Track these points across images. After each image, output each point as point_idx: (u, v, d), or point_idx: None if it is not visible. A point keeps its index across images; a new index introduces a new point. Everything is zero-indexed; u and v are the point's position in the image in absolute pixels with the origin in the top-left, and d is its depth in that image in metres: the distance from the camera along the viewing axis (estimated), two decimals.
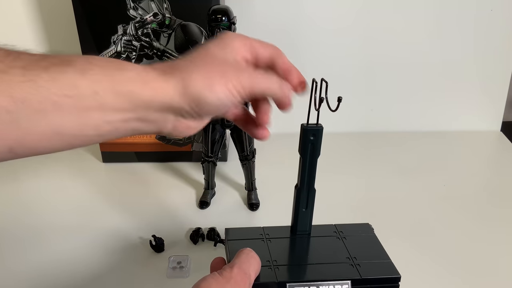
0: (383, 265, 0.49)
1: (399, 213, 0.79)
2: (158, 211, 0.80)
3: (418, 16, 0.95)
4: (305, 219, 0.53)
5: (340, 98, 0.45)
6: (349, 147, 1.01)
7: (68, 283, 0.66)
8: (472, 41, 0.97)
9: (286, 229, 0.54)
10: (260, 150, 0.81)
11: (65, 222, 0.78)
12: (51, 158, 0.96)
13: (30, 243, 0.73)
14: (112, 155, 0.94)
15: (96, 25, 0.81)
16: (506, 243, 0.73)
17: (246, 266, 0.44)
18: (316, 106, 0.46)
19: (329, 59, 0.97)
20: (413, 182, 0.88)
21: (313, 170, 0.51)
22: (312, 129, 0.48)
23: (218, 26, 0.70)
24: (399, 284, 0.48)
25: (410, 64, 0.99)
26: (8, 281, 0.67)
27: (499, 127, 1.06)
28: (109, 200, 0.83)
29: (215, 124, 0.76)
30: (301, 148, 0.49)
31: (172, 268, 0.67)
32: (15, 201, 0.84)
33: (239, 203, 0.83)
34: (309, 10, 0.94)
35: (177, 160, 0.94)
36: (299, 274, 0.48)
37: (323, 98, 0.45)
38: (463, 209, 0.81)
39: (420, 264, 0.67)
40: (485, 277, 0.66)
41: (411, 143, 1.02)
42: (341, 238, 0.53)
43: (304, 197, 0.52)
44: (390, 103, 1.03)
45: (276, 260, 0.49)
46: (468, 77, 1.01)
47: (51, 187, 0.88)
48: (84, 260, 0.70)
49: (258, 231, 0.53)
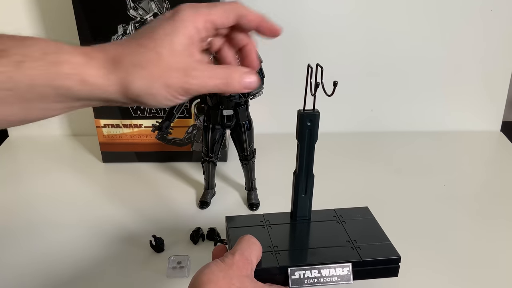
0: (383, 247, 0.50)
1: (399, 213, 0.79)
2: (158, 211, 0.80)
3: (418, 16, 0.95)
4: (305, 205, 0.54)
5: (336, 83, 0.45)
6: (349, 147, 1.01)
7: (68, 283, 0.66)
8: (472, 41, 0.97)
9: (286, 215, 0.55)
10: (260, 150, 0.81)
11: (65, 222, 0.78)
12: (51, 158, 0.96)
13: (30, 243, 0.73)
14: (112, 155, 0.94)
15: (96, 25, 0.81)
16: (506, 243, 0.73)
17: (248, 252, 0.45)
18: (312, 91, 0.46)
19: (329, 59, 0.96)
20: (413, 182, 0.88)
21: (311, 155, 0.51)
22: (308, 114, 0.48)
23: None
24: (399, 265, 0.49)
25: (410, 65, 0.99)
26: (8, 281, 0.67)
27: (499, 127, 1.06)
28: (109, 200, 0.83)
29: (215, 124, 0.76)
30: (298, 134, 0.50)
31: (172, 268, 0.67)
32: (15, 201, 0.84)
33: (239, 203, 0.83)
34: (311, 10, 0.94)
35: (177, 160, 0.94)
36: (300, 258, 0.49)
37: (319, 83, 0.45)
38: (463, 209, 0.81)
39: (420, 264, 0.67)
40: (485, 276, 0.66)
41: (411, 143, 1.01)
42: (340, 222, 0.54)
43: (303, 182, 0.52)
44: (390, 103, 1.03)
45: (277, 245, 0.49)
46: (468, 77, 1.01)
47: (51, 187, 0.88)
48: (84, 260, 0.70)
49: (259, 218, 0.54)
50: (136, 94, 0.39)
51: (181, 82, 0.39)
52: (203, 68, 0.40)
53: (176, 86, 0.39)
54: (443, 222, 0.77)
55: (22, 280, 0.67)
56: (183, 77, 0.39)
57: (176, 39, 0.39)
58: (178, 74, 0.39)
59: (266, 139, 0.95)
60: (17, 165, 0.97)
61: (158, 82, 0.38)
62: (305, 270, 0.47)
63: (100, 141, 0.92)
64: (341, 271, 0.47)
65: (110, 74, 0.38)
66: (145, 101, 0.39)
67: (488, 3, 0.93)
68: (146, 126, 0.90)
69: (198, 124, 0.90)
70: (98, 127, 0.91)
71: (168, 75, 0.39)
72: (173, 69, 0.39)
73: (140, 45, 0.39)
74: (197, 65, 0.40)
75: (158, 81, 0.38)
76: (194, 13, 0.40)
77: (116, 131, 0.91)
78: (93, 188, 0.87)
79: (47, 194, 0.86)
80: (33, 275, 0.67)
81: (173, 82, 0.39)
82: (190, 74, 0.39)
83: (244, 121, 0.75)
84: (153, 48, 0.39)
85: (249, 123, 0.76)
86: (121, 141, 0.92)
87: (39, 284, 0.66)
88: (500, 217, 0.79)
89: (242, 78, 0.42)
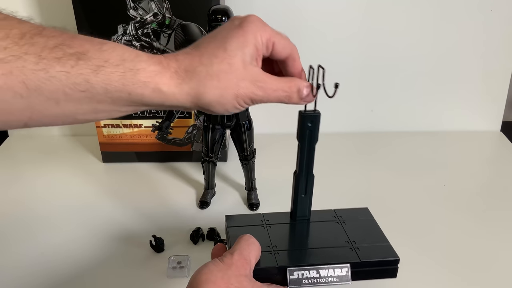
0: (382, 248, 0.50)
1: (399, 213, 0.79)
2: (158, 211, 0.80)
3: (418, 16, 0.95)
4: (304, 205, 0.54)
5: (337, 84, 0.45)
6: (349, 147, 1.01)
7: (67, 283, 0.66)
8: (472, 41, 0.97)
9: (285, 215, 0.55)
10: (260, 150, 0.82)
11: (64, 222, 0.78)
12: (51, 158, 0.96)
13: (29, 243, 0.73)
14: (112, 155, 0.94)
15: (96, 25, 0.81)
16: (506, 242, 0.73)
17: (247, 252, 0.45)
18: (314, 93, 0.46)
19: (329, 59, 0.96)
20: (413, 182, 0.88)
21: (311, 156, 0.51)
22: (309, 115, 0.48)
23: (218, 26, 0.69)
24: (398, 267, 0.49)
25: (410, 65, 0.99)
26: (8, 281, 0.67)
27: (499, 127, 1.06)
28: (109, 200, 0.83)
29: (215, 124, 0.76)
30: (299, 135, 0.50)
31: (172, 268, 0.67)
32: (15, 201, 0.84)
33: (239, 203, 0.83)
34: (310, 11, 0.94)
35: (177, 160, 0.94)
36: (299, 258, 0.49)
37: (320, 84, 0.46)
38: (463, 209, 0.81)
39: (419, 264, 0.67)
40: (484, 276, 0.66)
41: (411, 143, 1.01)
42: (340, 222, 0.54)
43: (303, 183, 0.52)
44: (390, 103, 1.03)
45: (276, 245, 0.49)
46: (468, 77, 1.01)
47: (51, 186, 0.88)
48: (84, 260, 0.70)
49: (258, 218, 0.54)
50: (206, 103, 0.41)
51: (248, 93, 0.41)
52: (269, 80, 0.43)
53: (244, 96, 0.41)
54: (443, 222, 0.77)
55: (22, 280, 0.67)
56: (251, 87, 0.41)
57: (247, 50, 0.41)
58: (247, 85, 0.41)
59: (266, 139, 0.95)
60: (17, 165, 0.97)
61: (229, 92, 0.41)
62: (303, 270, 0.47)
63: (100, 141, 0.92)
64: (339, 271, 0.47)
65: (184, 84, 0.40)
66: (213, 109, 0.41)
67: (488, 3, 0.93)
68: (146, 126, 0.90)
69: (198, 124, 0.90)
70: (98, 127, 0.91)
71: (238, 86, 0.41)
72: (243, 79, 0.41)
73: (213, 55, 0.41)
74: (263, 77, 0.42)
75: (229, 91, 0.41)
76: (263, 27, 0.43)
77: (116, 131, 0.91)
78: (93, 188, 0.87)
79: (47, 194, 0.86)
80: (33, 275, 0.67)
81: (242, 92, 0.41)
82: (257, 85, 0.42)
83: (244, 121, 0.75)
84: (225, 59, 0.40)
85: (249, 123, 0.76)
86: (121, 141, 0.92)
87: (39, 284, 0.66)
88: (501, 217, 0.79)
89: (302, 92, 0.44)
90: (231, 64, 0.40)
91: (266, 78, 0.42)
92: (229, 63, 0.40)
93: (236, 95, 0.41)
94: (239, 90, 0.41)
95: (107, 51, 0.37)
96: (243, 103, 0.42)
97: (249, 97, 0.42)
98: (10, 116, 0.36)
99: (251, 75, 0.41)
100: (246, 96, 0.41)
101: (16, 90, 0.34)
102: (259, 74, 0.42)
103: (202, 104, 0.41)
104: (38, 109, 0.36)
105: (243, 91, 0.41)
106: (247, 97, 0.41)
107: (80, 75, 0.36)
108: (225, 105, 0.41)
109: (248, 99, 0.42)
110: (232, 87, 0.40)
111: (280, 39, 0.44)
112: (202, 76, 0.40)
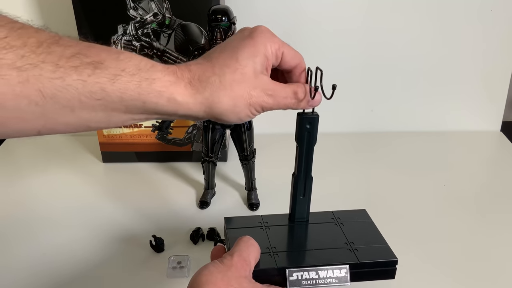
0: (380, 249, 0.50)
1: (399, 213, 0.79)
2: (158, 211, 0.80)
3: (418, 16, 0.95)
4: (303, 207, 0.54)
5: (335, 86, 0.45)
6: (349, 147, 1.01)
7: (68, 283, 0.66)
8: (472, 41, 0.97)
9: (284, 217, 0.55)
10: (260, 150, 0.82)
11: (64, 222, 0.78)
12: (51, 158, 0.96)
13: (29, 243, 0.74)
14: (112, 155, 0.94)
15: (96, 25, 0.81)
16: (506, 242, 0.73)
17: (246, 253, 0.45)
18: (312, 95, 0.46)
19: (329, 59, 0.97)
20: (413, 182, 0.88)
21: (309, 158, 0.52)
22: (308, 117, 0.49)
23: (218, 26, 0.70)
24: (396, 268, 0.49)
25: (410, 65, 0.99)
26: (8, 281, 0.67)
27: (499, 127, 1.06)
28: (109, 200, 0.83)
29: (215, 124, 0.76)
30: (297, 137, 0.50)
31: (172, 268, 0.67)
32: (14, 201, 0.84)
33: (239, 203, 0.83)
34: (311, 10, 0.94)
35: (177, 160, 0.94)
36: (298, 259, 0.49)
37: (318, 86, 0.46)
38: (463, 209, 0.81)
39: (419, 264, 0.68)
40: (485, 277, 0.66)
41: (411, 143, 1.02)
42: (338, 224, 0.54)
43: (302, 184, 0.53)
44: (390, 103, 1.03)
45: (275, 246, 0.50)
46: (468, 77, 1.01)
47: (51, 186, 0.88)
48: (84, 260, 0.70)
49: (257, 219, 0.55)
50: (219, 113, 0.42)
51: (260, 101, 0.43)
52: (278, 88, 0.44)
53: (256, 104, 0.42)
54: (442, 223, 0.77)
55: (24, 281, 0.67)
56: (262, 96, 0.43)
57: (258, 60, 0.42)
58: (259, 93, 0.42)
59: (266, 139, 0.95)
60: (17, 165, 0.97)
61: (242, 101, 0.42)
62: (303, 272, 0.47)
63: (100, 141, 0.92)
64: (338, 272, 0.47)
65: (197, 93, 0.41)
66: (226, 118, 0.42)
67: (488, 3, 0.93)
68: (146, 126, 0.90)
69: (198, 124, 0.90)
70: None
71: (251, 95, 0.42)
72: (255, 88, 0.42)
73: (225, 65, 0.42)
74: (273, 86, 0.44)
75: (242, 100, 0.42)
76: (273, 38, 0.44)
77: (116, 131, 0.91)
78: (93, 188, 0.87)
79: (47, 194, 0.86)
80: (33, 276, 0.67)
81: (254, 101, 0.42)
82: (267, 94, 0.43)
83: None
84: (237, 69, 0.42)
85: (249, 123, 0.76)
86: (121, 141, 0.92)
87: (42, 284, 0.66)
88: (501, 217, 0.79)
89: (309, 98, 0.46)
90: (243, 74, 0.42)
91: (276, 87, 0.44)
92: (242, 73, 0.42)
93: (249, 103, 0.42)
94: (252, 99, 0.42)
95: (124, 61, 0.38)
96: (255, 111, 0.43)
97: (261, 105, 0.43)
98: (24, 123, 0.36)
99: (262, 84, 0.43)
100: (258, 104, 0.43)
101: (32, 98, 0.35)
102: (269, 83, 0.43)
103: (215, 113, 0.42)
104: (53, 117, 0.37)
105: (255, 99, 0.42)
106: (258, 105, 0.43)
107: (96, 83, 0.36)
108: (239, 113, 0.42)
109: (259, 107, 0.43)
110: (244, 96, 0.42)
111: (289, 49, 0.45)
112: (216, 86, 0.41)
